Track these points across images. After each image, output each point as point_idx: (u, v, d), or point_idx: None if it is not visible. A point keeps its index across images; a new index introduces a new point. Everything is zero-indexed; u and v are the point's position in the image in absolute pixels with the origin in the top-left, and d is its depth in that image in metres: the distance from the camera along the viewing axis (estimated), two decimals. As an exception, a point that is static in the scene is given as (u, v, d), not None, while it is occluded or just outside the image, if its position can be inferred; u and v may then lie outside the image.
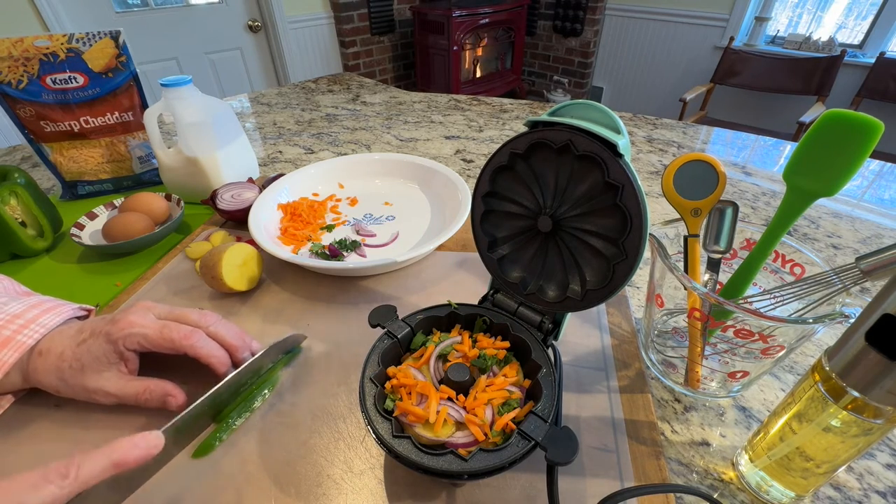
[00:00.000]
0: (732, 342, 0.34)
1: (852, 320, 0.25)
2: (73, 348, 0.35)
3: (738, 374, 0.36)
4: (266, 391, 0.39)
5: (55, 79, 0.65)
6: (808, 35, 2.42)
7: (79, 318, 0.41)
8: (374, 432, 0.29)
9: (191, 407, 0.33)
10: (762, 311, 0.32)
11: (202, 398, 0.34)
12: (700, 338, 0.36)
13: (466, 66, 2.98)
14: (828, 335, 0.47)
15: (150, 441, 0.26)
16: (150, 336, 0.35)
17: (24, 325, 0.36)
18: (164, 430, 0.29)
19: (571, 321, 0.45)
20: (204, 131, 0.65)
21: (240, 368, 0.37)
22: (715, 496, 0.32)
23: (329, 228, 0.61)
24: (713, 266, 0.38)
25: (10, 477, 0.22)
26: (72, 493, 0.22)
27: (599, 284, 0.32)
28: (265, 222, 0.57)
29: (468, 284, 0.52)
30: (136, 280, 0.54)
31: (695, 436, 0.37)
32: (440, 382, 0.32)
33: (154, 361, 0.39)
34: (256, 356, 0.38)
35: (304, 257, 0.54)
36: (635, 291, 0.53)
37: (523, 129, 0.32)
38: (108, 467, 0.24)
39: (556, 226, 0.33)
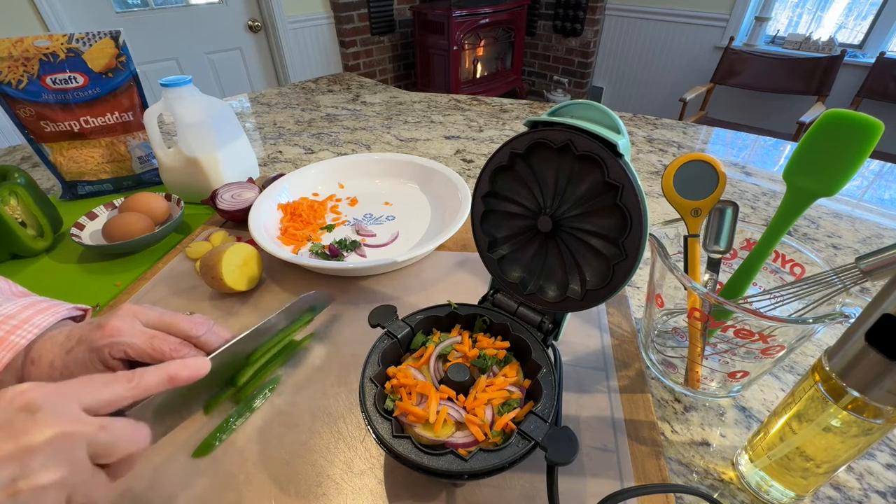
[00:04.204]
0: (732, 342, 0.34)
1: (852, 320, 0.25)
2: (62, 357, 0.34)
3: (738, 374, 0.36)
4: (266, 391, 0.39)
5: (55, 79, 0.65)
6: (808, 35, 2.42)
7: (74, 318, 0.41)
8: (374, 432, 0.29)
9: (223, 347, 0.34)
10: (762, 311, 0.32)
11: (227, 345, 0.35)
12: (700, 338, 0.36)
13: (466, 66, 2.98)
14: (828, 335, 0.47)
15: (199, 363, 0.30)
16: (138, 347, 0.34)
17: (17, 326, 0.35)
18: (211, 357, 0.32)
19: (571, 321, 0.45)
20: (204, 131, 0.65)
21: (255, 326, 0.37)
22: (715, 496, 0.32)
23: (329, 228, 0.61)
24: (713, 266, 0.38)
25: (84, 377, 0.25)
26: (135, 397, 0.26)
27: (599, 284, 0.32)
28: (265, 222, 0.57)
29: (468, 284, 0.52)
30: (136, 280, 0.54)
31: (695, 436, 0.37)
32: (440, 382, 0.32)
33: None
34: (269, 318, 0.38)
35: (304, 257, 0.54)
36: (635, 291, 0.53)
37: (523, 129, 0.32)
38: (165, 380, 0.28)
39: (556, 226, 0.33)
